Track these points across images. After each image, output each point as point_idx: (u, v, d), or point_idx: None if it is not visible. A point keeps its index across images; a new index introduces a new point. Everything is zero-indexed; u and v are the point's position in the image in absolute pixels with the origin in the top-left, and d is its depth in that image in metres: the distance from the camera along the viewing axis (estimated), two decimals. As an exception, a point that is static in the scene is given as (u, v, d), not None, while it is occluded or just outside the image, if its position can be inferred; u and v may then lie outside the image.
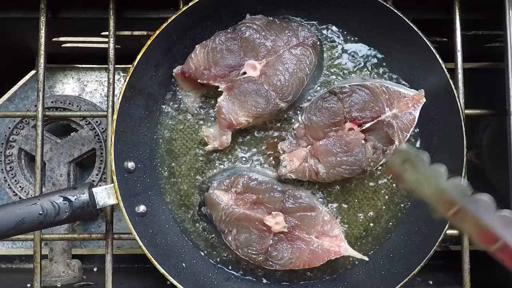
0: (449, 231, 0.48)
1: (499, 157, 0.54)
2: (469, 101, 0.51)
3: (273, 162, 0.51)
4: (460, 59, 0.50)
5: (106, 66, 0.50)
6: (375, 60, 0.52)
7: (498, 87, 0.50)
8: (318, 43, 0.50)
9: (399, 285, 0.47)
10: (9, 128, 0.67)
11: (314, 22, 0.52)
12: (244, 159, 0.52)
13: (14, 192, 0.66)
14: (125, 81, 0.47)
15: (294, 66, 0.48)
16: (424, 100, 0.48)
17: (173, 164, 0.52)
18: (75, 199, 0.43)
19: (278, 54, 0.49)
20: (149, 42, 0.47)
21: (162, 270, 0.46)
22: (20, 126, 0.67)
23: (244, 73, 0.49)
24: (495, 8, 0.49)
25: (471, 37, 0.58)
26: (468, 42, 0.52)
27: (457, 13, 0.50)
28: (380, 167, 0.51)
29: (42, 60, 0.51)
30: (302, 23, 0.51)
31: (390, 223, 0.52)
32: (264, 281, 0.52)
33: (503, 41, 0.49)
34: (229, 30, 0.49)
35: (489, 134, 0.65)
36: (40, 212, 0.42)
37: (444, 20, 0.52)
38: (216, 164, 0.52)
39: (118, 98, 0.47)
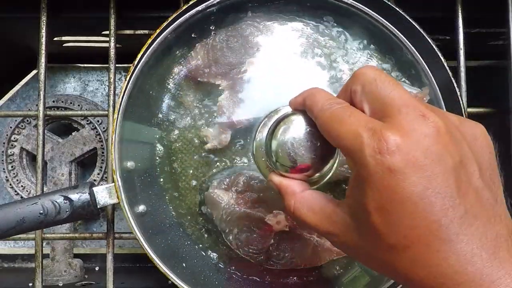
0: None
1: (502, 156, 0.54)
2: (472, 99, 0.50)
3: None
4: (463, 57, 0.50)
5: (107, 65, 0.50)
6: (377, 58, 0.52)
7: (502, 85, 0.49)
8: (320, 41, 0.49)
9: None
10: (11, 127, 0.67)
11: (315, 20, 0.52)
12: (244, 157, 0.52)
13: (15, 191, 0.67)
14: (125, 80, 0.47)
15: (296, 65, 0.48)
16: (428, 97, 0.47)
17: (173, 163, 0.52)
18: (76, 199, 0.43)
19: (280, 53, 0.48)
20: (149, 41, 0.47)
21: (163, 270, 0.46)
22: (22, 126, 0.67)
23: (246, 71, 0.48)
24: (499, 5, 0.49)
25: (474, 35, 0.58)
26: (471, 40, 0.51)
27: (460, 11, 0.50)
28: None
29: (43, 59, 0.51)
30: (304, 21, 0.50)
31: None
32: (266, 280, 0.52)
33: (506, 39, 0.48)
34: (230, 28, 0.49)
35: (492, 132, 0.64)
36: (41, 212, 0.42)
37: (447, 18, 0.52)
38: (216, 163, 0.52)
39: (119, 98, 0.47)
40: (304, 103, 0.34)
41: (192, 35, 0.50)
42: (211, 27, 0.50)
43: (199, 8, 0.48)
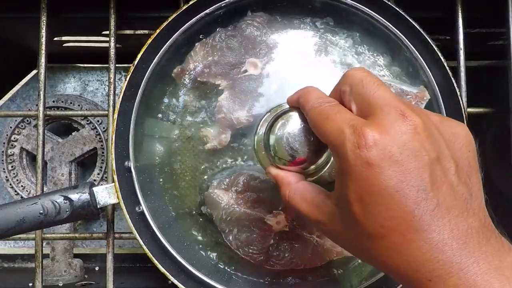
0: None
1: (502, 156, 0.54)
2: (472, 99, 0.50)
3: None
4: (463, 57, 0.50)
5: (107, 65, 0.50)
6: (376, 58, 0.52)
7: (502, 85, 0.49)
8: (320, 41, 0.49)
9: (402, 285, 0.47)
10: (11, 127, 0.67)
11: (314, 20, 0.52)
12: (244, 157, 0.51)
13: (15, 191, 0.67)
14: (125, 80, 0.47)
15: (296, 65, 0.48)
16: (429, 97, 0.48)
17: (172, 163, 0.52)
18: (76, 199, 0.43)
19: (280, 52, 0.48)
20: (149, 41, 0.47)
21: (163, 270, 0.46)
22: (22, 126, 0.67)
23: (245, 71, 0.48)
24: (499, 5, 0.49)
25: (474, 35, 0.58)
26: (471, 40, 0.51)
27: (460, 11, 0.50)
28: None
29: (43, 59, 0.51)
30: (304, 20, 0.50)
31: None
32: (266, 281, 0.52)
33: (506, 39, 0.48)
34: (229, 28, 0.49)
35: (492, 132, 0.64)
36: (41, 212, 0.42)
37: (447, 18, 0.52)
38: (216, 163, 0.52)
39: (119, 98, 0.47)
40: (298, 101, 0.36)
41: (192, 35, 0.50)
42: (217, 29, 0.50)
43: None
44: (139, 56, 0.47)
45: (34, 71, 0.70)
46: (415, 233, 0.26)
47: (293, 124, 0.37)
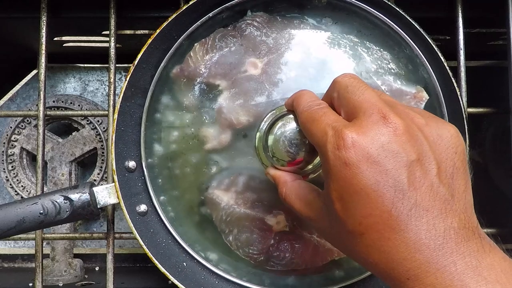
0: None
1: (502, 156, 0.54)
2: (472, 99, 0.50)
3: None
4: (463, 57, 0.50)
5: (107, 65, 0.50)
6: (376, 58, 0.52)
7: (502, 85, 0.49)
8: (320, 41, 0.49)
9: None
10: (11, 127, 0.67)
11: (315, 19, 0.52)
12: (244, 158, 0.51)
13: (16, 191, 0.67)
14: (126, 80, 0.47)
15: (296, 65, 0.48)
16: (427, 97, 0.47)
17: (172, 163, 0.52)
18: (76, 199, 0.43)
19: (280, 52, 0.48)
20: (149, 41, 0.47)
21: (163, 270, 0.46)
22: (22, 126, 0.67)
23: (245, 71, 0.48)
24: (499, 5, 0.49)
25: (474, 35, 0.58)
26: (471, 40, 0.51)
27: (460, 11, 0.50)
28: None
29: (43, 59, 0.51)
30: (304, 20, 0.50)
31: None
32: (266, 281, 0.52)
33: (506, 39, 0.48)
34: (229, 28, 0.49)
35: (492, 132, 0.64)
36: (41, 212, 0.42)
37: (447, 18, 0.52)
38: (216, 164, 0.52)
39: (119, 97, 0.47)
40: (293, 104, 0.37)
41: (193, 35, 0.50)
42: (211, 27, 0.49)
43: (199, 8, 0.48)
44: (139, 56, 0.47)
45: (34, 71, 0.70)
46: (392, 232, 0.27)
47: (290, 126, 0.38)
